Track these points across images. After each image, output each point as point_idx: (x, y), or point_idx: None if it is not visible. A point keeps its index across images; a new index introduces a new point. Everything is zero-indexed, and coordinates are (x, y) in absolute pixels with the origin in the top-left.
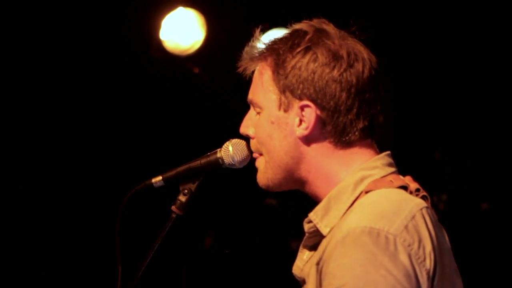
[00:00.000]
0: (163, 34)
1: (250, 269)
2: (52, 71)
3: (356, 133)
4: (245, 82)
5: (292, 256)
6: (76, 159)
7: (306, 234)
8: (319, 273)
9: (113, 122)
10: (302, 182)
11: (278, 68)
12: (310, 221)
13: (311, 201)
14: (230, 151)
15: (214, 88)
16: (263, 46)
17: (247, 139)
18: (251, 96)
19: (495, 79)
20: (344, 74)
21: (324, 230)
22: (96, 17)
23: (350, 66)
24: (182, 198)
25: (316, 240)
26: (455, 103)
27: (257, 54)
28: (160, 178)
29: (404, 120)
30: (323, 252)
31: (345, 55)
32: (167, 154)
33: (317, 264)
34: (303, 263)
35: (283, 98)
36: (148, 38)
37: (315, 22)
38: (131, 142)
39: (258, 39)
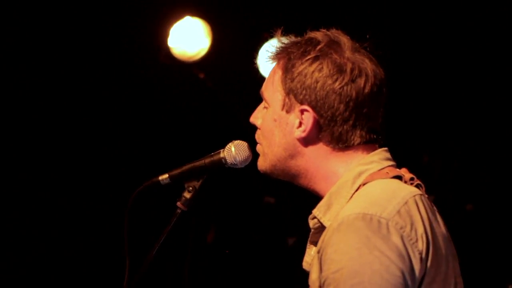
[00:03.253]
0: (171, 42)
1: (249, 263)
2: (67, 75)
3: (353, 140)
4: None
5: (288, 251)
6: (91, 158)
7: (312, 230)
8: (320, 260)
9: (124, 123)
10: (299, 177)
11: (287, 72)
12: (314, 217)
13: (307, 200)
14: (233, 151)
15: (218, 92)
16: (280, 47)
17: (249, 141)
18: (263, 89)
19: (482, 86)
20: (345, 88)
21: (327, 224)
22: (111, 26)
23: (352, 80)
24: (187, 194)
25: (321, 235)
26: (444, 109)
27: (273, 54)
28: (166, 175)
29: (394, 125)
30: (322, 242)
31: (348, 70)
32: (174, 154)
33: (318, 252)
34: (311, 258)
35: (287, 99)
36: (157, 45)
37: (331, 32)
38: (140, 142)
39: (278, 40)
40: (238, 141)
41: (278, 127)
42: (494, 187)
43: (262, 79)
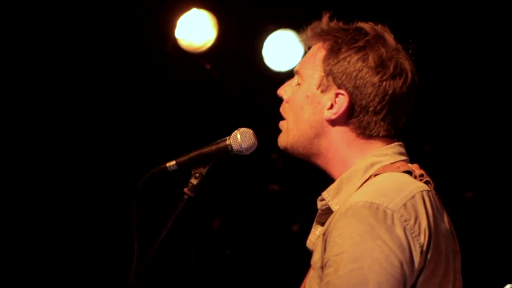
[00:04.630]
0: (178, 33)
1: (253, 248)
2: (76, 65)
3: (379, 132)
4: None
5: (292, 237)
6: (101, 147)
7: (319, 211)
8: (324, 242)
9: (133, 111)
10: (318, 156)
11: (332, 54)
12: (323, 199)
13: (311, 188)
14: (239, 138)
15: (224, 82)
16: (327, 30)
17: (254, 127)
18: (298, 67)
19: (482, 77)
20: (384, 83)
21: (334, 208)
22: (119, 18)
23: (392, 77)
24: (194, 181)
25: (327, 217)
26: (446, 101)
27: (320, 34)
28: (174, 162)
29: None
30: (329, 225)
31: (391, 67)
32: (180, 142)
33: (323, 235)
34: (316, 237)
35: (324, 80)
36: (165, 37)
37: (379, 27)
38: (148, 130)
39: (325, 21)
40: (244, 128)
41: (310, 104)
42: (494, 175)
43: (267, 69)
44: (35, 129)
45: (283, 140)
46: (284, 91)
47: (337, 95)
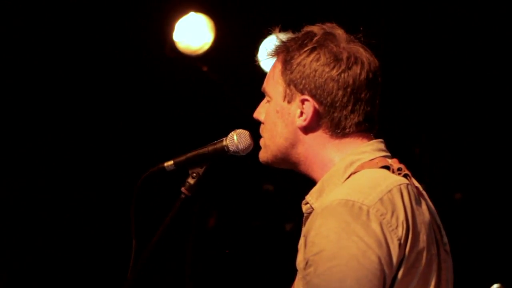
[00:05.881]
0: (176, 36)
1: (248, 247)
2: (76, 68)
3: (351, 127)
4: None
5: (285, 236)
6: (101, 148)
7: (305, 215)
8: (305, 242)
9: (132, 112)
10: (299, 164)
11: (286, 64)
12: (307, 203)
13: (304, 188)
14: (235, 139)
15: (220, 84)
16: (279, 43)
17: (250, 129)
18: (264, 85)
19: (472, 79)
20: (342, 75)
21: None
22: (118, 21)
23: (349, 68)
24: (191, 180)
25: None
26: (436, 103)
27: (273, 50)
28: (171, 162)
29: (386, 117)
30: (308, 225)
31: (345, 58)
32: (178, 143)
33: (304, 235)
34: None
35: (288, 90)
36: (163, 39)
37: (327, 26)
38: (146, 131)
39: (276, 37)
40: (240, 130)
41: (281, 118)
42: (483, 177)
43: (262, 72)
44: (38, 131)
45: (263, 156)
46: (258, 113)
47: (302, 101)
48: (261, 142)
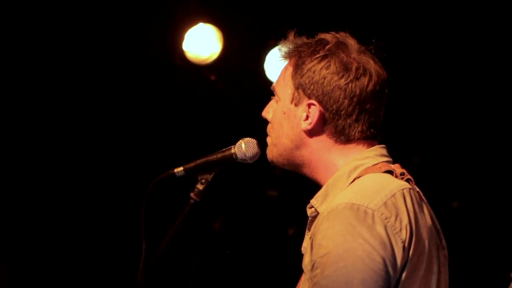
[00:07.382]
0: (186, 46)
1: (252, 250)
2: (88, 74)
3: (354, 135)
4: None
5: (288, 240)
6: (115, 153)
7: (309, 218)
8: (311, 245)
9: (142, 120)
10: (303, 167)
11: (297, 68)
12: (312, 207)
13: (307, 194)
14: (243, 148)
15: (228, 93)
16: (292, 47)
17: (257, 138)
18: (274, 85)
19: (470, 88)
20: (350, 84)
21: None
22: (130, 31)
23: (357, 78)
24: (200, 186)
25: None
26: (434, 112)
27: (286, 53)
28: (181, 168)
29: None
30: (315, 228)
31: (354, 68)
32: (187, 150)
33: (310, 238)
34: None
35: (296, 93)
36: (173, 49)
37: (340, 35)
38: (156, 138)
39: (290, 40)
40: (248, 138)
41: (287, 120)
42: (480, 185)
43: (268, 81)
44: (50, 139)
45: (269, 154)
46: (266, 112)
47: (309, 105)
48: (268, 140)
